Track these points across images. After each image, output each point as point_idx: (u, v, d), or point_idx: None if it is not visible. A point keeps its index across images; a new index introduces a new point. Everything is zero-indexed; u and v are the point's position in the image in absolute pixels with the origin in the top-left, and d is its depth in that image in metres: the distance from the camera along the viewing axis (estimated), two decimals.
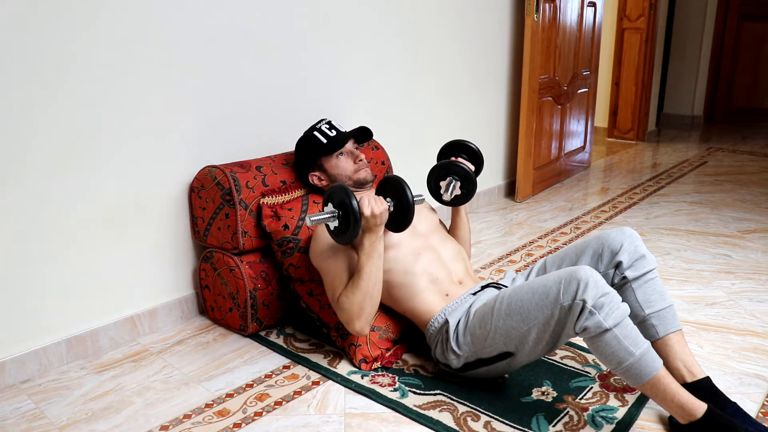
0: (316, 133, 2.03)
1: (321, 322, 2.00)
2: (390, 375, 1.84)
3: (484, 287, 1.85)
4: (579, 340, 2.01)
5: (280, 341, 2.06)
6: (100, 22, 1.86)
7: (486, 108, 3.53)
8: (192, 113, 2.14)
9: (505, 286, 1.85)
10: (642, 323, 1.68)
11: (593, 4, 4.16)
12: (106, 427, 1.64)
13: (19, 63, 1.71)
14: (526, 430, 1.59)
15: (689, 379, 1.62)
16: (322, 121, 2.07)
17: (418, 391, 1.76)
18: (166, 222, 2.13)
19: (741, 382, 1.81)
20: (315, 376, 1.86)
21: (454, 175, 1.97)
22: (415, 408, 1.68)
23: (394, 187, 1.74)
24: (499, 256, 2.81)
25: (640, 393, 1.73)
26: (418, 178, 2.70)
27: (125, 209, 2.02)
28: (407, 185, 1.72)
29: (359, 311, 1.72)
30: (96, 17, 1.85)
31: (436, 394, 1.74)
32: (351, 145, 2.03)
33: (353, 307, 1.72)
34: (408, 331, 1.98)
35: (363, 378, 1.83)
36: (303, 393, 1.78)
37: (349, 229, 1.67)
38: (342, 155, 2.01)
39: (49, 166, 1.82)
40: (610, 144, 5.33)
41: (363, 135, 2.07)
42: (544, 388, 1.77)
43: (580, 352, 1.96)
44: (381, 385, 1.79)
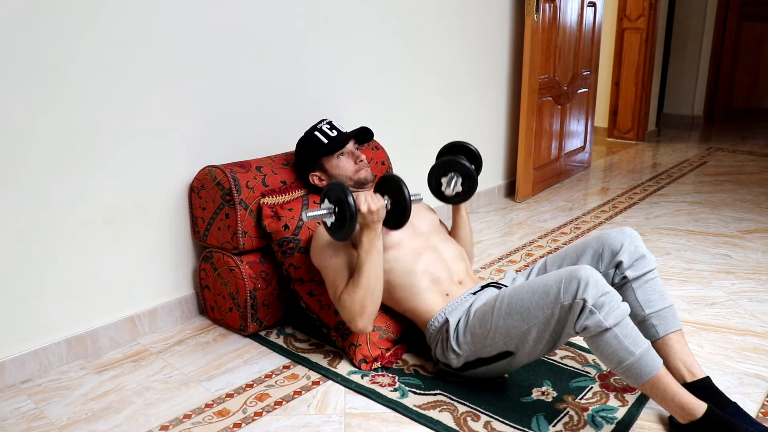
0: (317, 133, 2.03)
1: (321, 322, 2.00)
2: (390, 375, 1.84)
3: (484, 287, 1.85)
4: (579, 340, 2.01)
5: (280, 341, 2.06)
6: (100, 22, 1.86)
7: (486, 108, 3.53)
8: (192, 113, 2.14)
9: (506, 286, 1.85)
10: (642, 323, 1.68)
11: (593, 4, 4.15)
12: (106, 427, 1.64)
13: (19, 63, 1.71)
14: (526, 430, 1.59)
15: (689, 378, 1.62)
16: (322, 121, 2.07)
17: (418, 391, 1.76)
18: (166, 222, 2.13)
19: (741, 382, 1.81)
20: (315, 376, 1.86)
21: (455, 171, 1.98)
22: (415, 408, 1.68)
23: (391, 184, 1.74)
24: (499, 256, 2.81)
25: (640, 393, 1.73)
26: (418, 178, 2.70)
27: (125, 209, 2.02)
28: (404, 182, 1.72)
29: (361, 309, 1.73)
30: (96, 17, 1.85)
31: (436, 394, 1.74)
32: (352, 145, 2.03)
33: (355, 305, 1.73)
34: (408, 331, 1.98)
35: (363, 378, 1.83)
36: (303, 393, 1.78)
37: (345, 225, 1.67)
38: (343, 155, 2.01)
39: (49, 166, 1.82)
40: (610, 144, 5.33)
41: (364, 135, 2.08)
42: (544, 388, 1.77)
43: (580, 352, 1.96)
44: (381, 385, 1.79)
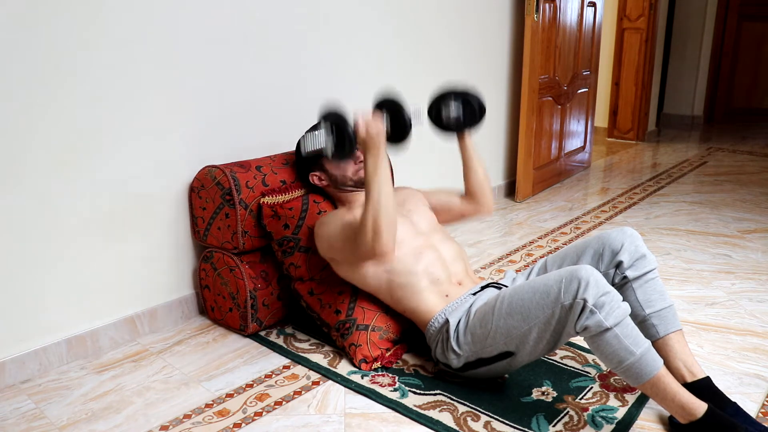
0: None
1: (321, 321, 2.00)
2: (390, 375, 1.84)
3: (484, 287, 1.85)
4: (579, 340, 2.01)
5: (280, 341, 2.06)
6: (100, 22, 1.86)
7: (486, 108, 3.52)
8: (192, 113, 2.14)
9: (506, 286, 1.85)
10: (642, 323, 1.68)
11: (593, 4, 4.15)
12: (106, 427, 1.64)
13: (19, 63, 1.71)
14: (526, 430, 1.59)
15: (689, 378, 1.62)
16: None
17: (418, 391, 1.76)
18: (166, 222, 2.13)
19: (741, 382, 1.81)
20: (315, 376, 1.86)
21: (454, 96, 1.96)
22: (415, 408, 1.68)
23: (389, 102, 1.73)
24: (499, 256, 2.81)
25: (640, 393, 1.73)
26: (419, 178, 2.71)
27: (125, 209, 2.02)
28: (402, 100, 1.71)
29: (375, 230, 1.68)
30: (96, 17, 1.85)
31: (436, 394, 1.74)
32: None
33: (368, 228, 1.69)
34: (408, 331, 1.98)
35: (363, 378, 1.83)
36: (303, 393, 1.78)
37: (345, 153, 1.66)
38: None
39: (49, 166, 1.82)
40: (610, 144, 5.32)
41: None
42: (544, 388, 1.77)
43: (580, 352, 1.96)
44: (381, 385, 1.79)
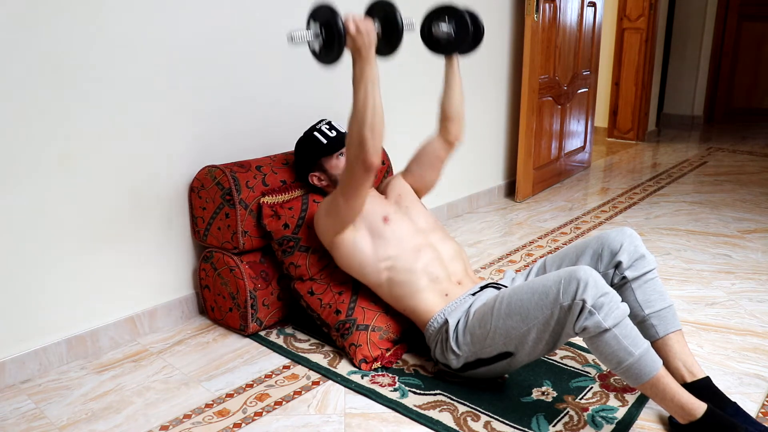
0: (316, 133, 2.03)
1: (321, 321, 2.00)
2: (390, 375, 1.84)
3: (483, 287, 1.84)
4: (579, 340, 2.01)
5: (280, 341, 2.06)
6: (100, 22, 1.86)
7: (486, 108, 3.53)
8: (192, 113, 2.14)
9: (505, 286, 1.85)
10: (642, 323, 1.68)
11: (593, 4, 4.15)
12: (106, 427, 1.64)
13: (19, 63, 1.71)
14: (526, 430, 1.59)
15: (689, 379, 1.62)
16: (322, 121, 2.07)
17: (418, 391, 1.76)
18: (166, 222, 2.13)
19: (741, 382, 1.81)
20: (315, 376, 1.86)
21: (447, 14, 1.92)
22: (415, 408, 1.68)
23: (381, 7, 1.68)
24: (499, 256, 2.81)
25: (640, 393, 1.73)
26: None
27: (125, 209, 2.02)
28: (394, 5, 1.66)
29: (360, 142, 1.63)
30: (96, 17, 1.85)
31: (436, 394, 1.74)
32: None
33: (353, 141, 1.64)
34: (408, 331, 1.98)
35: (363, 378, 1.83)
36: (303, 393, 1.78)
37: (333, 48, 1.59)
38: (342, 155, 2.01)
39: (49, 166, 1.82)
40: (610, 144, 5.32)
41: None
42: (544, 388, 1.77)
43: (580, 352, 1.96)
44: (381, 385, 1.79)
